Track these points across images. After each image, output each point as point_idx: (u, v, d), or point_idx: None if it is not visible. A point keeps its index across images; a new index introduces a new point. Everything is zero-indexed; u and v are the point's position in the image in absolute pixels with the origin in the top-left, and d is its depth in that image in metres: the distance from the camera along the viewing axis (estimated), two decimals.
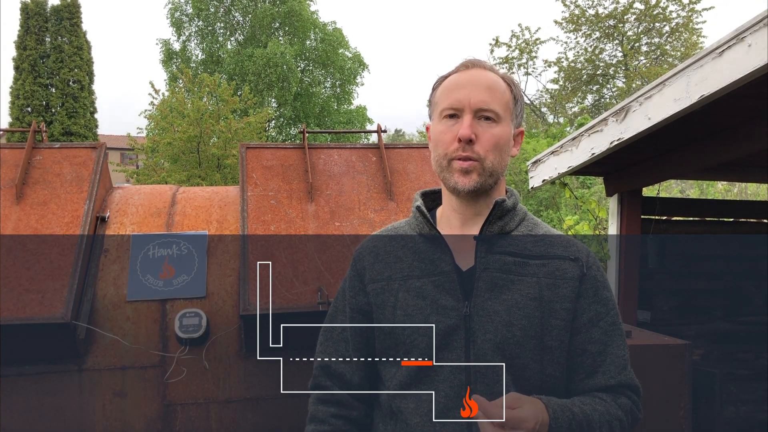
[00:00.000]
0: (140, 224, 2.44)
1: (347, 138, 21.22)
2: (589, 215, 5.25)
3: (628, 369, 1.30)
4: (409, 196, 2.56)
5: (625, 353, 1.31)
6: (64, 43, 21.49)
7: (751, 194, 12.28)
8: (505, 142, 1.29)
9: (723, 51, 2.24)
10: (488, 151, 1.26)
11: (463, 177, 1.26)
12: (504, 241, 1.30)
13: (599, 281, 1.31)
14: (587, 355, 1.28)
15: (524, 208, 1.39)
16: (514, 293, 1.25)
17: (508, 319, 1.23)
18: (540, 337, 1.23)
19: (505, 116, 1.29)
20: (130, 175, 15.14)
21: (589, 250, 1.35)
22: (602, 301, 1.30)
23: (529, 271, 1.27)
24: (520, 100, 1.34)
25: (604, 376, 1.28)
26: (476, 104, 1.26)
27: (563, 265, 1.29)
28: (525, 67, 24.03)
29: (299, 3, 25.40)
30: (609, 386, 1.27)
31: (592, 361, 1.28)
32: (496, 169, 1.28)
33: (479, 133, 1.25)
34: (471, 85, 1.28)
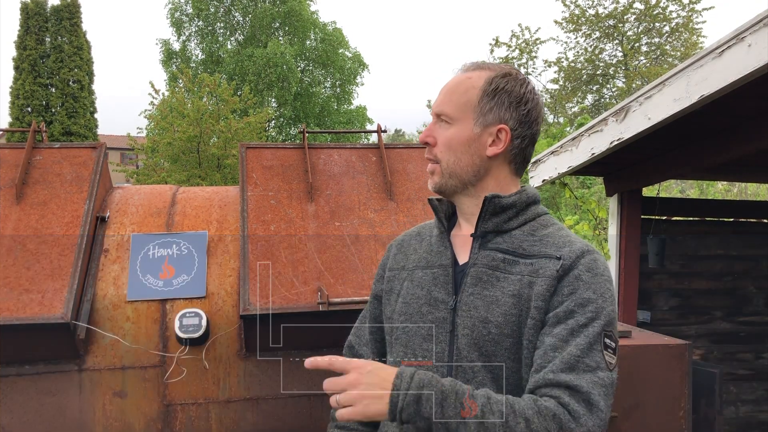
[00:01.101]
0: (140, 224, 2.44)
1: (347, 138, 21.24)
2: (589, 215, 5.25)
3: (579, 372, 1.10)
4: (409, 196, 2.56)
5: (584, 357, 1.12)
6: (64, 43, 21.50)
7: (751, 194, 12.27)
8: (458, 143, 1.28)
9: (723, 51, 2.24)
10: (442, 152, 1.31)
11: (429, 178, 1.36)
12: (500, 238, 1.29)
13: (583, 281, 1.19)
14: (542, 347, 1.16)
15: (541, 209, 1.34)
16: (496, 290, 1.23)
17: (485, 315, 1.21)
18: (517, 336, 1.20)
19: (460, 117, 1.28)
20: (130, 175, 15.14)
21: (585, 251, 1.23)
22: (579, 300, 1.17)
23: (516, 270, 1.23)
24: (497, 95, 1.27)
25: (544, 371, 1.13)
26: (435, 108, 1.33)
27: (546, 264, 1.22)
28: (525, 67, 24.02)
29: (299, 3, 25.40)
30: (547, 381, 1.11)
31: (543, 353, 1.15)
32: (455, 170, 1.30)
33: (437, 135, 1.32)
34: (442, 89, 1.34)
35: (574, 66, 23.43)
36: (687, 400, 2.32)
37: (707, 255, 4.31)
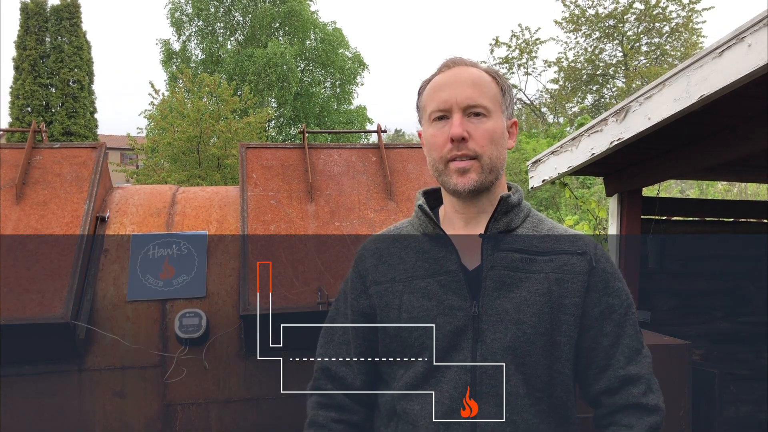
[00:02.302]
0: (140, 224, 2.44)
1: (347, 138, 21.22)
2: (589, 215, 5.26)
3: (639, 358, 1.27)
4: (409, 196, 2.56)
5: (636, 343, 1.28)
6: (64, 43, 21.50)
7: (751, 194, 12.27)
8: (499, 135, 1.26)
9: (723, 51, 2.24)
10: (484, 147, 1.23)
11: (461, 177, 1.23)
12: (510, 238, 1.28)
13: (609, 273, 1.29)
14: (600, 348, 1.26)
15: (528, 205, 1.37)
16: (523, 291, 1.22)
17: (518, 317, 1.21)
18: (550, 334, 1.22)
19: (495, 109, 1.27)
20: (130, 175, 15.14)
21: (596, 243, 1.32)
22: (614, 292, 1.28)
23: (536, 268, 1.24)
24: (508, 91, 1.31)
25: (614, 369, 1.26)
26: (463, 101, 1.23)
27: (571, 260, 1.26)
28: (525, 67, 24.04)
29: (299, 3, 25.40)
30: (619, 377, 1.25)
31: (605, 354, 1.26)
32: (495, 164, 1.26)
33: (471, 129, 1.23)
34: (455, 84, 1.25)
35: (574, 66, 23.43)
36: (687, 400, 2.32)
37: (707, 255, 4.31)
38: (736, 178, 4.99)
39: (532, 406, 1.21)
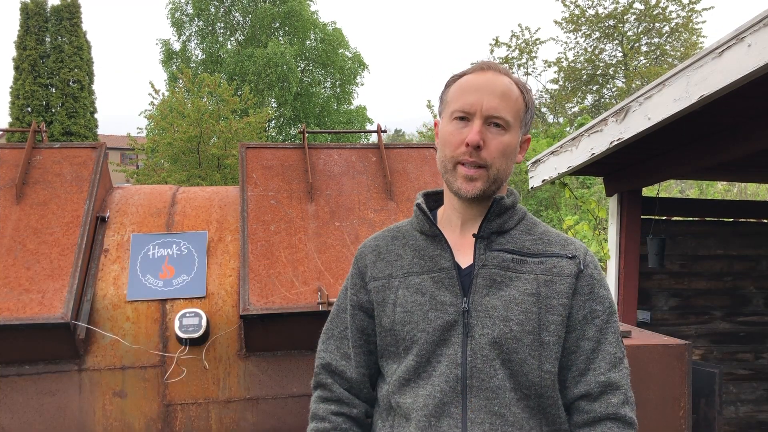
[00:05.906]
0: (140, 224, 2.44)
1: (347, 138, 21.24)
2: (589, 215, 5.25)
3: (620, 367, 1.30)
4: (409, 196, 2.56)
5: (618, 351, 1.30)
6: (64, 43, 21.50)
7: (751, 194, 12.28)
8: (512, 150, 1.30)
9: (723, 51, 2.24)
10: (495, 158, 1.26)
11: (467, 183, 1.27)
12: (502, 239, 1.32)
13: (596, 279, 1.32)
14: (581, 352, 1.29)
15: (524, 208, 1.41)
16: (512, 290, 1.27)
17: (505, 314, 1.25)
18: (537, 333, 1.25)
19: (514, 124, 1.29)
20: (130, 175, 15.15)
21: (587, 249, 1.36)
22: (598, 298, 1.31)
23: (526, 269, 1.29)
24: (531, 107, 1.34)
25: (594, 373, 1.28)
26: (487, 110, 1.26)
27: (560, 263, 1.30)
28: (525, 67, 24.01)
29: (299, 3, 25.41)
30: (599, 382, 1.27)
31: (586, 357, 1.29)
32: (501, 176, 1.30)
33: (488, 139, 1.25)
34: (485, 90, 1.27)
35: (574, 66, 23.42)
36: (687, 400, 2.32)
37: (707, 255, 4.31)
38: (736, 178, 5.00)
39: (520, 401, 1.24)
